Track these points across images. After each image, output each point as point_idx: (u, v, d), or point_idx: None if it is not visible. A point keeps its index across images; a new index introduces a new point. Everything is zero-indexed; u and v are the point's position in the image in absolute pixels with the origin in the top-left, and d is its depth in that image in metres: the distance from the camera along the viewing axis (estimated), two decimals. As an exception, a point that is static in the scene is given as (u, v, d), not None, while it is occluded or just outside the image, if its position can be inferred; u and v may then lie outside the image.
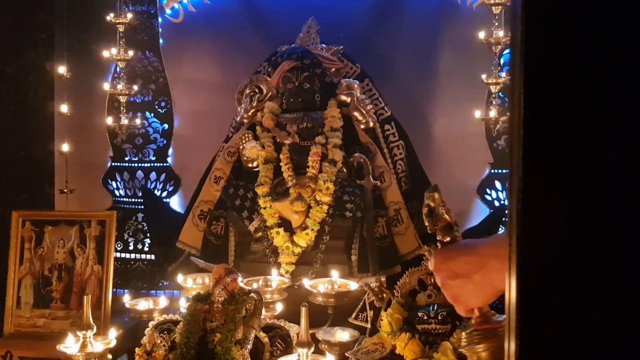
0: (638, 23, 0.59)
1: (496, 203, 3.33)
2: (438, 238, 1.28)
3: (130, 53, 3.40)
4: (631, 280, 0.61)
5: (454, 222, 1.29)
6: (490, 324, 1.21)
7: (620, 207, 0.60)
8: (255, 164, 2.92)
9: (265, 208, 2.78)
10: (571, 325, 0.62)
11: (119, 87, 3.40)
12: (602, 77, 0.60)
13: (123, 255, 3.54)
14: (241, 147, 2.95)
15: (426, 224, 1.28)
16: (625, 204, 0.60)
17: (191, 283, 2.61)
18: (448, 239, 1.26)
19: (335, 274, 2.57)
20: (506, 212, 0.72)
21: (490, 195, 3.37)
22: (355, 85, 3.06)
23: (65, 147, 3.48)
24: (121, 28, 3.36)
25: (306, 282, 2.54)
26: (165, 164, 3.61)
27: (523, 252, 0.63)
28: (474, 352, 1.21)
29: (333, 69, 3.14)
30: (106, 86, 3.46)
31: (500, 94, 3.17)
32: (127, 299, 2.55)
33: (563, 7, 0.60)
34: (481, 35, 3.15)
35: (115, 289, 2.84)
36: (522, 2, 0.58)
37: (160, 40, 3.55)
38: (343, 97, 3.01)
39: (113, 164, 3.61)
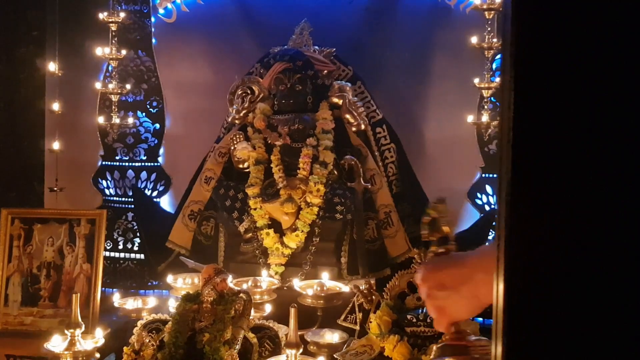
0: (628, 28, 0.59)
1: (487, 207, 3.34)
2: (432, 248, 1.28)
3: (123, 52, 3.39)
4: (618, 284, 0.61)
5: (452, 235, 1.28)
6: (464, 341, 1.21)
7: (609, 211, 0.61)
8: (246, 164, 2.92)
9: (255, 209, 2.78)
10: (558, 329, 0.63)
11: (111, 86, 3.39)
12: (592, 82, 0.60)
13: (112, 254, 3.52)
14: (232, 147, 2.95)
15: (423, 232, 1.28)
16: (614, 208, 0.61)
17: (180, 283, 2.61)
18: (441, 250, 1.26)
19: (324, 275, 2.58)
20: (496, 216, 0.72)
21: (480, 199, 3.38)
22: (347, 88, 3.06)
23: (55, 145, 3.46)
24: (114, 27, 3.35)
25: (296, 284, 2.54)
26: (156, 164, 3.60)
27: (511, 256, 0.64)
28: None
29: (325, 71, 3.15)
30: (98, 85, 3.44)
31: (492, 98, 3.18)
32: (116, 298, 2.54)
33: (554, 13, 0.60)
34: (474, 39, 3.17)
35: (104, 288, 2.83)
36: (512, 8, 0.59)
37: (153, 40, 3.55)
38: (335, 100, 3.02)
39: (104, 162, 3.60)
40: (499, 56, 3.21)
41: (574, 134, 0.60)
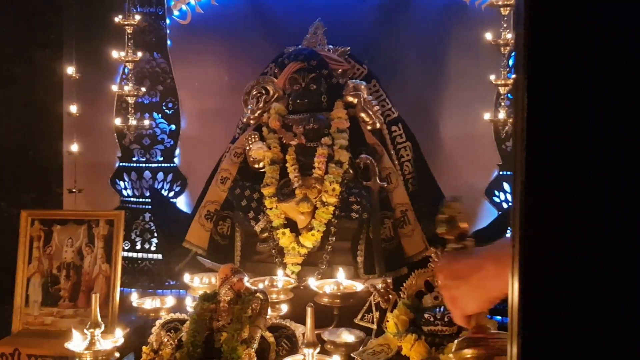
0: (641, 27, 0.59)
1: (504, 205, 3.32)
2: (451, 245, 1.29)
3: (139, 54, 3.41)
4: (634, 282, 0.61)
5: (468, 231, 1.29)
6: (484, 334, 1.21)
7: (624, 208, 0.60)
8: (261, 164, 2.93)
9: (271, 209, 2.79)
10: (573, 326, 0.62)
11: (127, 88, 3.42)
12: (605, 80, 0.60)
13: (130, 254, 3.56)
14: (247, 147, 2.96)
15: (441, 230, 1.29)
16: (629, 206, 0.60)
17: (198, 282, 2.62)
18: (459, 246, 1.27)
19: (341, 274, 2.58)
20: (511, 213, 0.72)
21: (498, 197, 3.36)
22: (362, 86, 3.06)
23: (74, 147, 3.50)
24: (129, 29, 3.38)
25: (312, 283, 2.54)
26: (172, 165, 3.62)
27: (526, 253, 0.63)
28: (461, 356, 1.22)
29: (340, 70, 3.14)
30: (114, 87, 3.48)
31: (509, 95, 3.16)
32: (134, 297, 2.56)
33: (566, 11, 0.60)
34: (489, 36, 3.15)
35: (122, 288, 2.86)
36: (524, 9, 0.59)
37: (168, 42, 3.57)
38: (350, 98, 3.01)
39: (121, 164, 3.63)
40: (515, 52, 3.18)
41: (587, 133, 0.60)
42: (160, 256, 3.50)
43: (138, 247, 3.58)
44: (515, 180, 0.65)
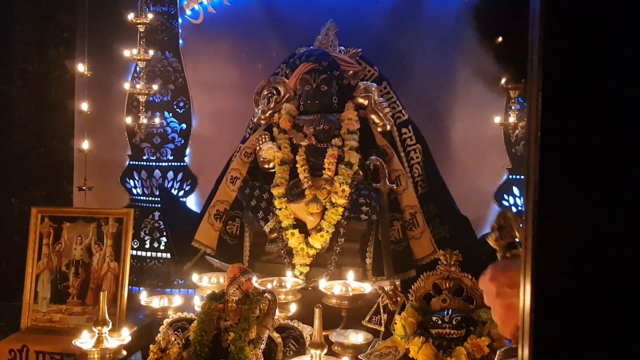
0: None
1: (514, 209, 3.31)
2: (500, 254, 1.29)
3: (150, 53, 3.42)
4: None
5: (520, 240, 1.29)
6: None
7: (639, 209, 0.60)
8: (271, 165, 2.93)
9: (280, 209, 2.79)
10: (585, 329, 0.62)
11: (139, 86, 3.43)
12: (620, 81, 0.59)
13: (139, 253, 3.57)
14: (258, 148, 2.96)
15: (493, 239, 1.29)
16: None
17: (206, 282, 2.62)
18: (509, 255, 1.27)
19: (349, 276, 2.57)
20: (523, 218, 0.71)
21: (507, 200, 3.35)
22: (373, 88, 3.05)
23: (84, 145, 3.51)
24: (142, 28, 3.39)
25: (321, 284, 2.54)
26: (182, 164, 3.63)
27: (538, 256, 0.63)
28: None
29: (351, 72, 3.14)
30: (126, 85, 3.49)
31: (519, 99, 3.15)
32: (142, 296, 2.57)
33: (582, 13, 0.59)
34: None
35: (130, 287, 2.86)
36: (541, 7, 0.58)
37: (180, 41, 3.58)
38: (360, 100, 3.01)
39: (131, 162, 3.65)
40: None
41: (602, 132, 0.59)
42: (168, 255, 3.51)
43: (147, 245, 3.59)
44: (528, 181, 0.64)
